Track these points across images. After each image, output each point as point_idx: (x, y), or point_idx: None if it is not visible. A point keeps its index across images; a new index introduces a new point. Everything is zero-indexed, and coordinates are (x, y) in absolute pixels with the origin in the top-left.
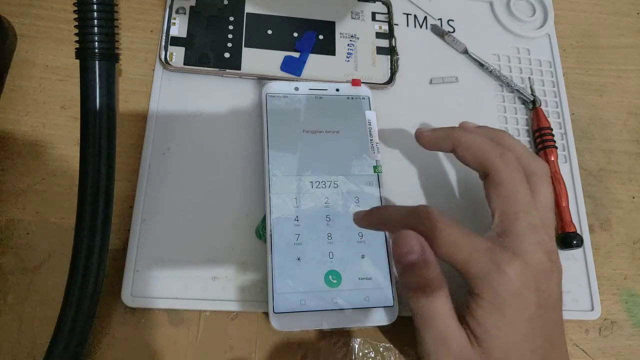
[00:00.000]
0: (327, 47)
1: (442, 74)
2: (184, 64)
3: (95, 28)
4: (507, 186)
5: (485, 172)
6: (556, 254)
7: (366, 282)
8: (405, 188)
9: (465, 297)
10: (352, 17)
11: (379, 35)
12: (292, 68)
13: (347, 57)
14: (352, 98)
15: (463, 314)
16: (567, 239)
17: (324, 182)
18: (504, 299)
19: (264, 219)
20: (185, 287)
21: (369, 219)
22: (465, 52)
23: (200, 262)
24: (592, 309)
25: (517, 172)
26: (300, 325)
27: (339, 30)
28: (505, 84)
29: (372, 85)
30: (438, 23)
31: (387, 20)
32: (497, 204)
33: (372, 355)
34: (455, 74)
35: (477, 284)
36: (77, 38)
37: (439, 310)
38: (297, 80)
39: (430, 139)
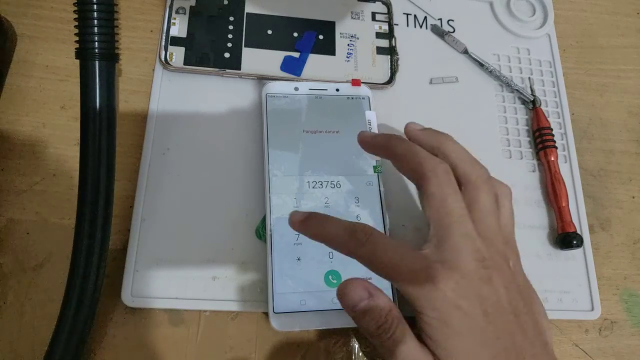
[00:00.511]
0: (327, 47)
1: (442, 74)
2: (184, 64)
3: (95, 28)
4: (438, 199)
5: (417, 184)
6: (492, 260)
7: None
8: (405, 188)
9: (417, 321)
10: (352, 17)
11: (379, 35)
12: (292, 68)
13: (347, 57)
14: (352, 98)
15: (418, 333)
16: (567, 239)
17: (324, 182)
18: (447, 313)
19: (264, 219)
20: (185, 287)
21: (307, 226)
22: (465, 52)
23: (200, 262)
24: (592, 309)
25: (447, 185)
26: (300, 325)
27: (339, 30)
28: (505, 84)
29: (372, 85)
30: (438, 23)
31: (387, 20)
32: (430, 216)
33: (372, 356)
34: (455, 74)
35: (417, 304)
36: (77, 38)
37: (400, 340)
38: (297, 80)
39: (369, 145)
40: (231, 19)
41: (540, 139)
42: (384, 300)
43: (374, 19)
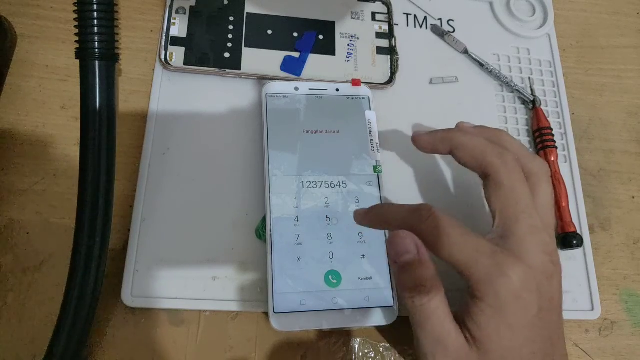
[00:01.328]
0: (327, 47)
1: (442, 74)
2: (184, 64)
3: (95, 28)
4: (507, 188)
5: (484, 173)
6: (557, 255)
7: (366, 282)
8: (405, 188)
9: (464, 299)
10: (352, 17)
11: (379, 35)
12: (292, 68)
13: (347, 57)
14: (352, 98)
15: (461, 315)
16: (567, 239)
17: (324, 182)
18: (506, 303)
19: (264, 219)
20: (185, 287)
21: (369, 217)
22: (465, 52)
23: (200, 262)
24: (592, 309)
25: (516, 173)
26: (300, 325)
27: (339, 30)
28: (505, 84)
29: (372, 85)
30: (438, 23)
31: (387, 20)
32: (497, 206)
33: (372, 355)
34: (455, 74)
35: (479, 287)
36: (77, 38)
37: (434, 311)
38: (297, 80)
39: (427, 142)
40: (231, 19)
41: (540, 139)
42: (430, 263)
43: (374, 19)
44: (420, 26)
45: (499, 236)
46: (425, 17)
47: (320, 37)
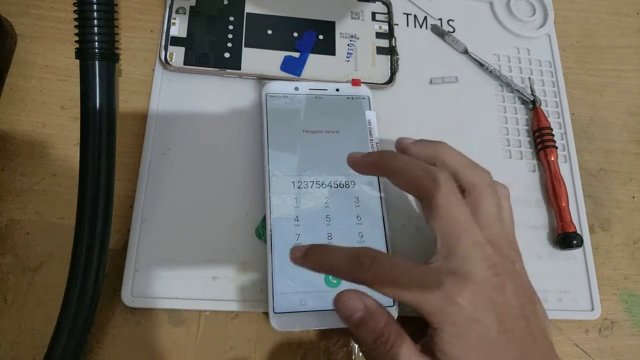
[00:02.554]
0: (327, 47)
1: (442, 74)
2: (184, 64)
3: (95, 28)
4: (443, 210)
5: (419, 198)
6: (502, 265)
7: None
8: None
9: (429, 333)
10: (352, 17)
11: (379, 35)
12: (292, 68)
13: (347, 57)
14: (352, 98)
15: (428, 346)
16: (567, 239)
17: (324, 182)
18: (464, 327)
19: (264, 219)
20: (185, 287)
21: (310, 260)
22: (465, 52)
23: (200, 262)
24: (592, 309)
25: (450, 194)
26: (300, 325)
27: (339, 30)
28: (505, 84)
29: (372, 85)
30: (438, 23)
31: (387, 20)
32: (437, 228)
33: (373, 356)
34: (455, 74)
35: (434, 320)
36: (77, 38)
37: (400, 354)
38: (297, 80)
39: (361, 165)
40: (231, 19)
41: (540, 139)
42: (381, 312)
43: (374, 19)
44: (420, 26)
45: (443, 257)
46: (425, 17)
47: (320, 37)
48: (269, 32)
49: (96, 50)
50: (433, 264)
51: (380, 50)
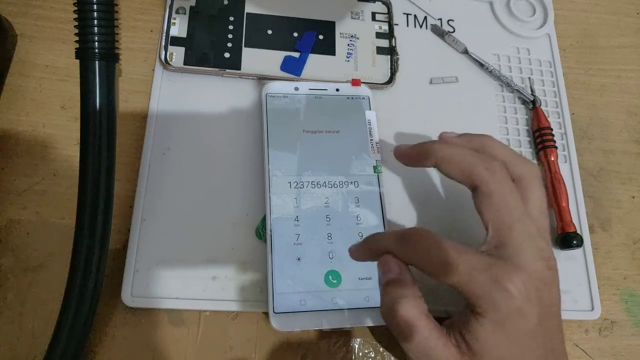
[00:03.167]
0: (327, 47)
1: (442, 74)
2: (184, 64)
3: (95, 28)
4: (498, 198)
5: (472, 185)
6: (554, 260)
7: (366, 282)
8: (405, 188)
9: (462, 313)
10: (352, 17)
11: (379, 35)
12: (292, 68)
13: (347, 57)
14: (352, 98)
15: (458, 327)
16: (567, 239)
17: (324, 182)
18: (507, 316)
19: (264, 219)
20: (185, 287)
21: (364, 252)
22: (465, 52)
23: (200, 262)
24: (592, 309)
25: (505, 182)
26: (300, 325)
27: (339, 30)
28: (505, 84)
29: (372, 85)
30: (438, 23)
31: (387, 20)
32: (489, 217)
33: (372, 355)
34: (455, 74)
35: (479, 304)
36: (77, 38)
37: (418, 325)
38: (297, 80)
39: (410, 157)
40: (231, 19)
41: (540, 139)
42: (411, 283)
43: (374, 19)
44: (420, 26)
45: (494, 247)
46: (425, 17)
47: (320, 37)
48: (269, 32)
49: (96, 50)
50: (484, 251)
51: (380, 50)
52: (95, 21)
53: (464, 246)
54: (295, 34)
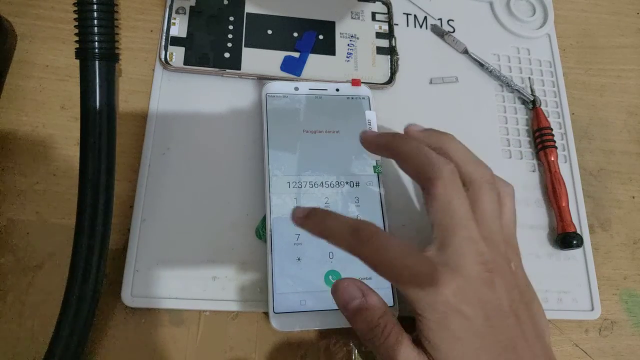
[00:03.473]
0: (327, 47)
1: (442, 74)
2: (184, 64)
3: (95, 28)
4: (443, 201)
5: (422, 185)
6: (495, 263)
7: (366, 282)
8: (405, 188)
9: (415, 318)
10: (352, 17)
11: (379, 35)
12: (292, 68)
13: (347, 57)
14: (352, 98)
15: (417, 337)
16: (567, 239)
17: (324, 182)
18: (445, 316)
19: (264, 219)
20: (185, 287)
21: (309, 222)
22: (465, 52)
23: (200, 262)
24: (592, 309)
25: (453, 186)
26: (300, 325)
27: (339, 30)
28: (505, 84)
29: (372, 85)
30: (438, 23)
31: (387, 20)
32: (434, 218)
33: (372, 355)
34: (455, 74)
35: (418, 305)
36: (77, 38)
37: (394, 346)
38: (297, 80)
39: (372, 144)
40: (231, 19)
41: (540, 139)
42: (377, 301)
43: (374, 19)
44: (420, 26)
45: (437, 248)
46: (425, 17)
47: (320, 37)
48: (269, 32)
49: (96, 50)
50: (427, 252)
51: (380, 50)
52: (95, 21)
53: (410, 247)
54: (295, 34)
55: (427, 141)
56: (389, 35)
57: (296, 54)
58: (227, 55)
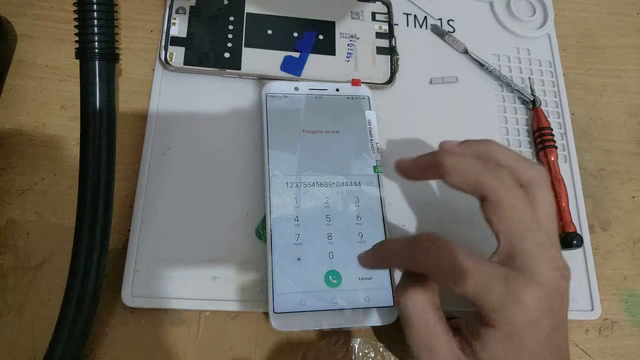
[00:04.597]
0: (327, 47)
1: (442, 74)
2: (184, 64)
3: (95, 28)
4: (508, 207)
5: (480, 195)
6: (567, 269)
7: (366, 282)
8: (405, 188)
9: (474, 322)
10: (352, 17)
11: (379, 35)
12: (292, 68)
13: (347, 57)
14: (352, 98)
15: (468, 333)
16: (567, 239)
17: (324, 182)
18: (521, 330)
19: (264, 219)
20: (185, 287)
21: (374, 259)
22: (465, 52)
23: (200, 262)
24: (592, 309)
25: (514, 190)
26: (300, 325)
27: (339, 30)
28: (505, 84)
29: (372, 85)
30: (438, 23)
31: (387, 20)
32: (500, 227)
33: (372, 355)
34: (455, 74)
35: (492, 316)
36: (77, 38)
37: (423, 315)
38: (297, 80)
39: (412, 170)
40: (231, 19)
41: (540, 139)
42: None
43: (374, 19)
44: (420, 26)
45: (506, 257)
46: (425, 17)
47: (320, 37)
48: (269, 32)
49: (96, 50)
50: (495, 261)
51: (380, 50)
52: (95, 21)
53: (478, 254)
54: (295, 34)
55: (470, 151)
56: (389, 35)
57: (296, 54)
58: (227, 55)
